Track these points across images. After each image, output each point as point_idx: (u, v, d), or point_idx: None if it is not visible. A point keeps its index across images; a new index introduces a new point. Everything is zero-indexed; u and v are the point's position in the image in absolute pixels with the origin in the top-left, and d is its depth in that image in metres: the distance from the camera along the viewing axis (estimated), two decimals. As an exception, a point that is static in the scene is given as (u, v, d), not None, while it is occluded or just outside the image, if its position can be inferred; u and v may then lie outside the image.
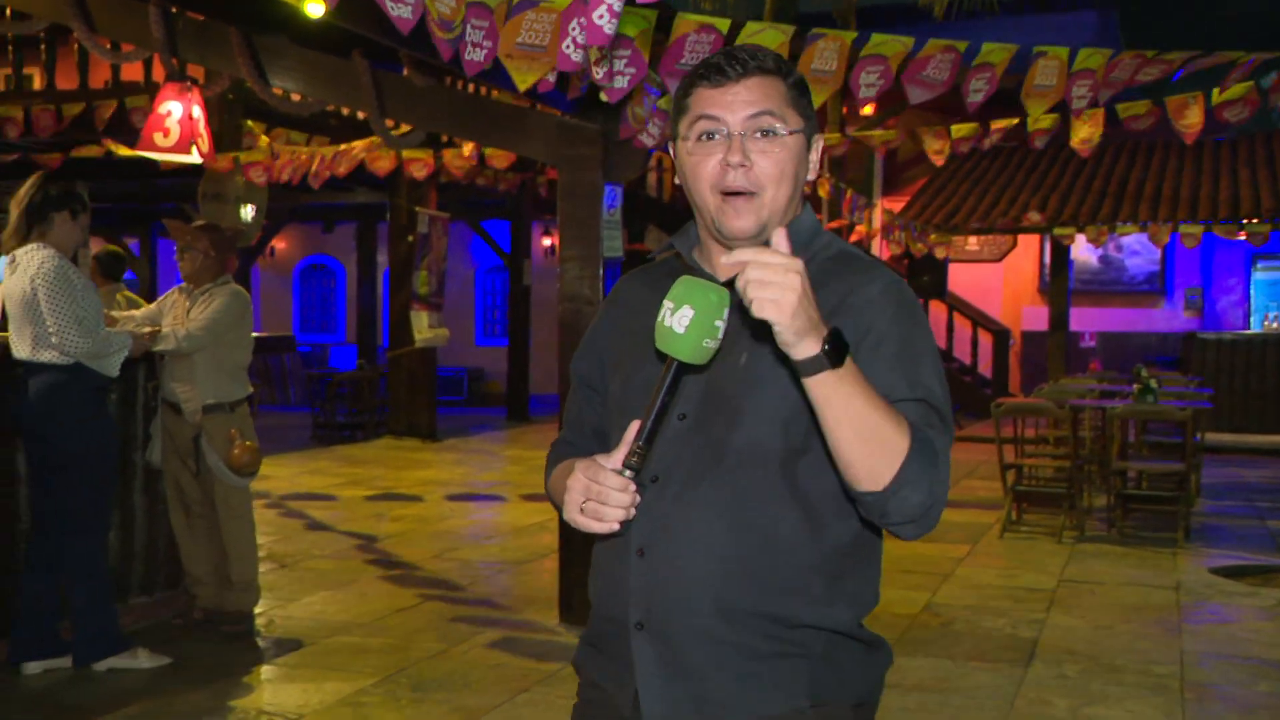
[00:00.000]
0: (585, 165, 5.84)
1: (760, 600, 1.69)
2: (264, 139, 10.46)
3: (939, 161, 8.78)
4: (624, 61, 4.89)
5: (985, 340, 16.76)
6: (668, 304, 1.54)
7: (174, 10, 5.79)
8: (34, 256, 4.67)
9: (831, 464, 1.61)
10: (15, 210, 4.75)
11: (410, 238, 12.04)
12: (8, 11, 6.01)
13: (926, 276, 16.15)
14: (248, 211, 9.70)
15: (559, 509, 1.89)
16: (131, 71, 10.60)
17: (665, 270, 1.88)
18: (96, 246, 8.08)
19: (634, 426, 1.59)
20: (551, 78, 4.74)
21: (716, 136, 1.71)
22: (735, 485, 1.69)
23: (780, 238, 1.51)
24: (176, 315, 5.42)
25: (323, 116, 10.31)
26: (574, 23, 4.33)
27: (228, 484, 5.39)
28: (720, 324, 1.53)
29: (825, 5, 16.38)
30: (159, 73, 9.64)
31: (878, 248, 16.63)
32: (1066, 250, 15.43)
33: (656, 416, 1.58)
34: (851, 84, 5.38)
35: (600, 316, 1.97)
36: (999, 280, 17.70)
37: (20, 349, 4.72)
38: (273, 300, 21.58)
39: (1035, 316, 17.20)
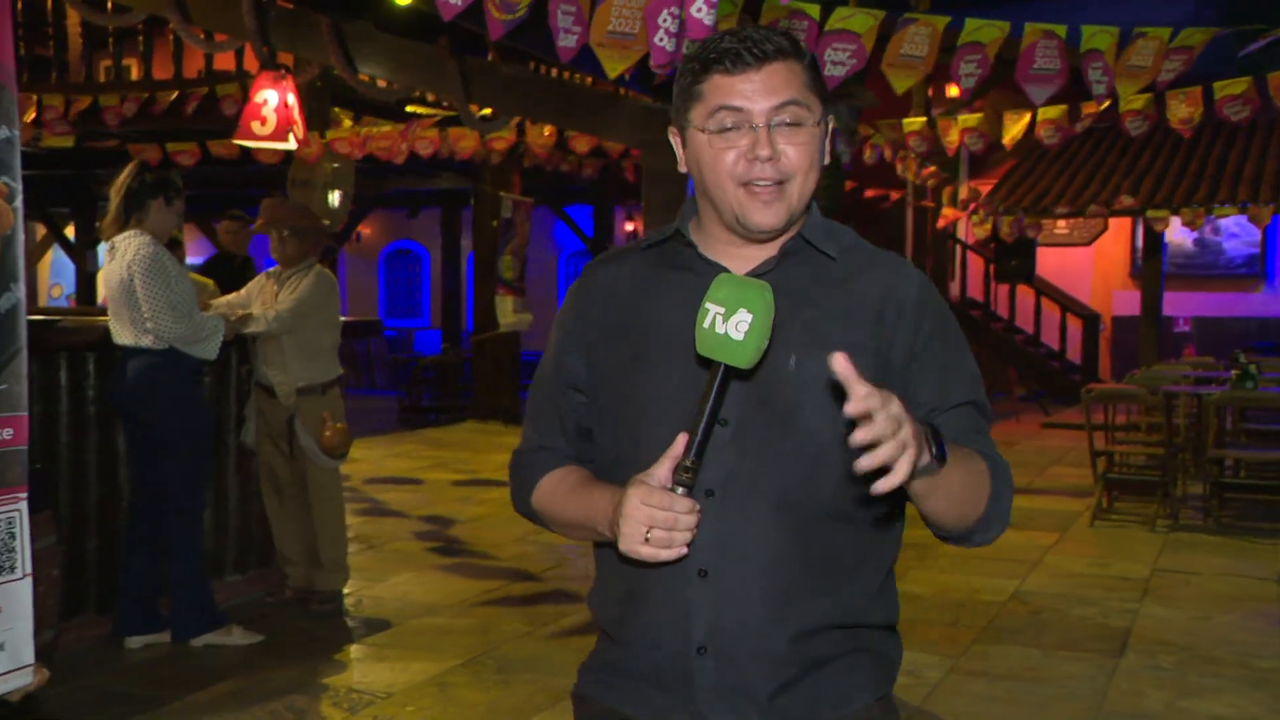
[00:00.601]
0: (670, 150, 5.83)
1: (830, 611, 1.64)
2: (348, 123, 10.61)
3: (1009, 145, 8.62)
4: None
5: (1074, 325, 16.44)
6: (715, 308, 1.45)
7: (265, -1, 5.90)
8: (131, 243, 4.77)
9: None
10: (115, 198, 4.85)
11: (494, 223, 12.13)
12: (109, 5, 6.15)
13: (1015, 260, 15.86)
14: (335, 197, 9.83)
15: (555, 527, 1.78)
16: (223, 61, 10.80)
17: (658, 257, 1.75)
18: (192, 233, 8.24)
19: (681, 440, 1.49)
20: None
21: (738, 128, 1.60)
22: (797, 494, 1.61)
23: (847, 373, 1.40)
24: (265, 299, 5.50)
25: (404, 102, 10.41)
26: (664, 13, 4.32)
27: (319, 465, 5.47)
28: (771, 325, 1.46)
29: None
30: (250, 62, 9.81)
31: (963, 230, 16.40)
32: (1160, 233, 15.07)
33: (706, 428, 1.48)
34: (952, 73, 5.32)
35: (579, 308, 1.77)
36: (1089, 264, 17.34)
37: (119, 334, 4.83)
38: (359, 285, 21.90)
39: (1127, 301, 16.82)
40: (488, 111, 7.01)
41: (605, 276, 1.77)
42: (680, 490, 1.48)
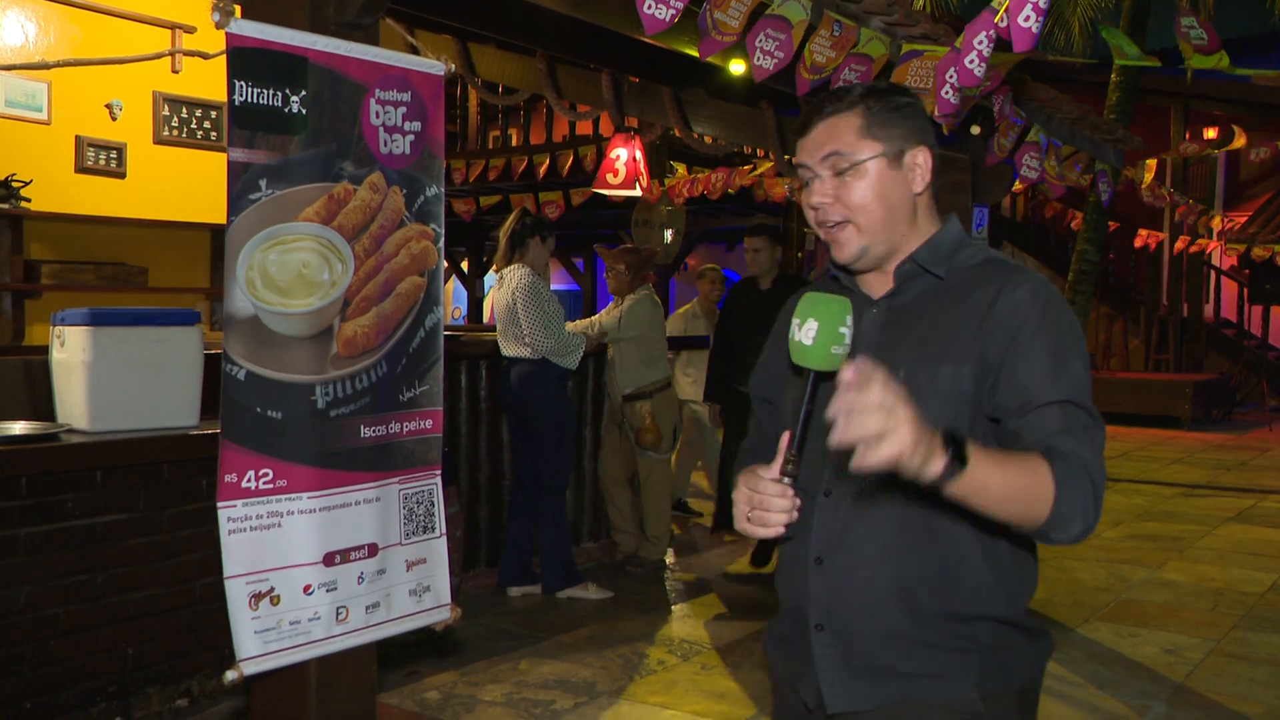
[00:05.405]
0: (958, 190, 5.52)
1: (934, 601, 1.52)
2: (681, 170, 10.74)
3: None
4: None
5: (1332, 343, 14.60)
6: (795, 320, 1.41)
7: (619, 76, 5.96)
8: (515, 274, 4.91)
9: None
10: (503, 238, 5.02)
11: (799, 254, 11.98)
12: (500, 89, 6.42)
13: (1269, 285, 14.35)
14: (668, 234, 9.96)
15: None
16: (583, 127, 11.14)
17: (828, 289, 1.72)
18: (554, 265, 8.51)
19: (785, 437, 1.45)
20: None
21: (810, 182, 1.58)
22: (904, 495, 1.50)
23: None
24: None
25: (730, 155, 10.39)
26: (950, 70, 4.04)
27: (644, 457, 5.49)
28: (845, 330, 1.38)
29: (1169, 41, 14.80)
30: (605, 127, 10.05)
31: (1217, 256, 14.93)
32: None
33: (803, 426, 1.42)
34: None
35: (775, 336, 1.79)
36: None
37: (505, 346, 4.99)
38: (684, 306, 22.13)
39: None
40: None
41: (784, 310, 1.77)
42: (787, 480, 1.43)
